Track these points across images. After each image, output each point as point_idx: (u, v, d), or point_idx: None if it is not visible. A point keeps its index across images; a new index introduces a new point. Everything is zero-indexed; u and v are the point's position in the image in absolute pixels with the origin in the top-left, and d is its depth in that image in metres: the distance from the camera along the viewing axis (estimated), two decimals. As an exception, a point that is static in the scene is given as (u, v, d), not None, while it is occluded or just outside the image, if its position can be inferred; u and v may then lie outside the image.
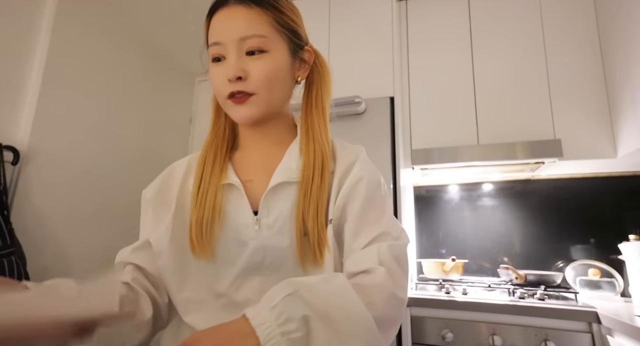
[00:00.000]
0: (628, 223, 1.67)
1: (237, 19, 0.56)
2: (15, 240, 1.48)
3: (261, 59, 0.56)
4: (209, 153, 0.63)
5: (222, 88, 0.57)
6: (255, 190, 0.60)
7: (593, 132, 1.58)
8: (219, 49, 0.57)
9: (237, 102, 0.57)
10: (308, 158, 0.59)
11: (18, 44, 1.70)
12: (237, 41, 0.56)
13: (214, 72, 0.58)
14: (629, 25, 1.43)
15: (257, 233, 0.57)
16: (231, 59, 0.56)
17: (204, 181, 0.61)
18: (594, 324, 1.22)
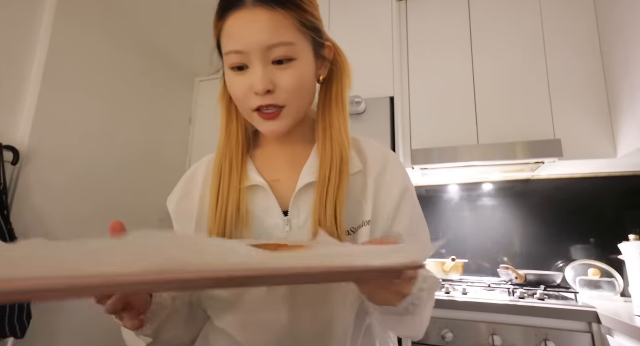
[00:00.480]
0: (628, 223, 1.67)
1: (260, 24, 0.50)
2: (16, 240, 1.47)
3: (290, 68, 0.52)
4: (224, 160, 0.60)
5: (247, 100, 0.53)
6: (283, 190, 0.59)
7: (593, 132, 1.58)
8: (241, 58, 0.51)
9: (267, 118, 0.54)
10: (325, 159, 0.57)
11: (18, 44, 1.70)
12: (262, 50, 0.50)
13: (235, 82, 0.53)
14: (628, 25, 1.43)
15: (288, 234, 0.56)
16: (257, 71, 0.51)
17: (223, 189, 0.57)
18: (594, 324, 1.22)
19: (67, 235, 1.83)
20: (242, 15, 0.51)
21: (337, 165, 0.56)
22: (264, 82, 0.50)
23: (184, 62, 2.74)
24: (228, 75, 0.54)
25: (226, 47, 0.53)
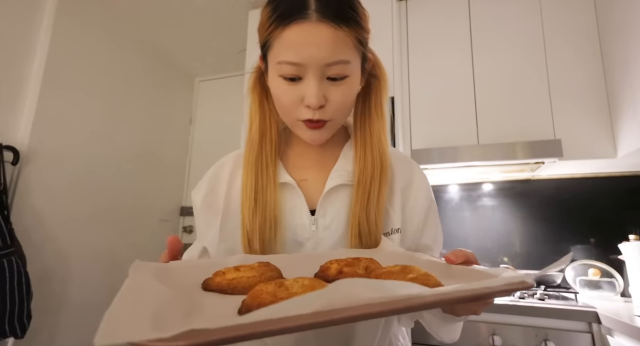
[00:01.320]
0: (628, 223, 1.67)
1: (323, 41, 0.50)
2: (15, 240, 1.48)
3: (342, 85, 0.53)
4: (259, 157, 0.59)
5: (296, 110, 0.54)
6: (311, 189, 0.60)
7: (593, 132, 1.58)
8: (296, 70, 0.51)
9: (312, 127, 0.54)
10: (365, 164, 0.58)
11: (18, 44, 1.71)
12: (320, 67, 0.50)
13: (285, 91, 0.53)
14: (629, 25, 1.43)
15: (313, 233, 0.57)
16: (313, 85, 0.51)
17: (260, 186, 0.58)
18: (594, 324, 1.22)
19: (67, 234, 1.83)
20: (305, 28, 0.50)
21: (378, 171, 0.58)
22: (318, 97, 0.51)
23: (184, 62, 2.74)
24: (276, 81, 0.54)
25: (281, 56, 0.51)
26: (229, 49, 2.50)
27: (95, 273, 1.96)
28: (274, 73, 0.54)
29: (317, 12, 0.49)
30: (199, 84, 2.98)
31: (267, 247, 0.56)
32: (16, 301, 1.41)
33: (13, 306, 1.40)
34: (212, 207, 0.62)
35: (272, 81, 0.55)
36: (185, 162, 2.79)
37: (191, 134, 2.87)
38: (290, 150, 0.65)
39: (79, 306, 1.84)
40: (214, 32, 2.37)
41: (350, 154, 0.61)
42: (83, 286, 1.88)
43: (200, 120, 2.89)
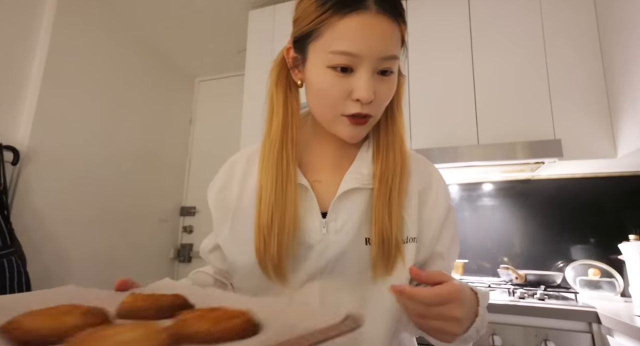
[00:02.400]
0: (628, 223, 1.67)
1: (382, 33, 0.49)
2: (15, 240, 1.48)
3: (389, 82, 0.52)
4: (280, 155, 0.56)
5: (342, 104, 0.52)
6: (324, 191, 0.58)
7: (593, 132, 1.58)
8: (350, 61, 0.49)
9: (357, 123, 0.53)
10: (387, 165, 0.57)
11: (18, 45, 1.71)
12: (376, 60, 0.49)
13: (334, 83, 0.51)
14: (629, 25, 1.43)
15: (324, 236, 0.55)
16: (366, 79, 0.49)
17: (281, 184, 0.55)
18: (594, 324, 1.22)
19: (67, 234, 1.83)
20: (365, 19, 0.48)
21: (399, 174, 0.56)
22: (370, 91, 0.50)
23: (184, 62, 2.74)
24: (323, 72, 0.51)
25: (335, 45, 0.49)
26: (229, 49, 2.50)
27: (95, 273, 1.96)
28: (321, 63, 0.51)
29: (376, 4, 0.48)
30: (199, 84, 2.98)
31: (285, 249, 0.53)
32: (16, 301, 1.41)
33: (13, 306, 1.39)
34: (224, 205, 0.61)
35: (316, 72, 0.52)
36: (185, 162, 2.79)
37: (191, 134, 2.87)
38: (306, 149, 0.62)
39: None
40: (214, 32, 2.37)
41: (367, 156, 0.59)
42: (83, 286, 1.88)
43: (200, 120, 2.89)
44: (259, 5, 2.12)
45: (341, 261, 0.54)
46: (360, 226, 0.55)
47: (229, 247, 0.59)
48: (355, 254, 0.55)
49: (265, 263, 0.53)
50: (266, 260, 0.53)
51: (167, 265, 2.59)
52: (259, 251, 0.54)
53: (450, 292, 0.43)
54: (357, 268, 0.55)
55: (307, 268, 0.55)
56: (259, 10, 2.12)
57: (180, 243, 2.70)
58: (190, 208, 2.72)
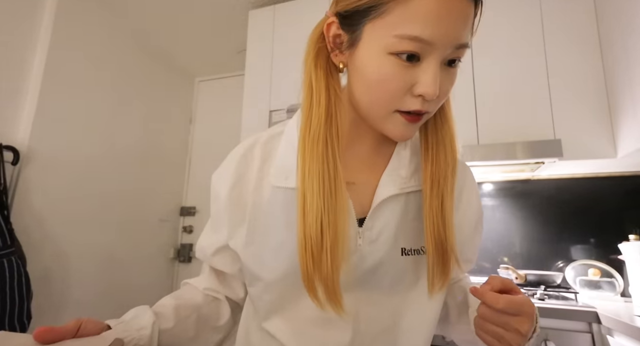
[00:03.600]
0: (628, 223, 1.67)
1: (463, 17, 0.42)
2: (15, 240, 1.48)
3: (454, 74, 0.45)
4: (325, 148, 0.46)
5: (400, 98, 0.43)
6: (359, 196, 0.50)
7: (593, 132, 1.58)
8: (420, 48, 0.41)
9: (413, 120, 0.45)
10: (438, 168, 0.49)
11: (18, 44, 1.70)
12: (450, 48, 0.42)
13: (396, 74, 0.42)
14: (629, 25, 1.43)
15: (359, 247, 0.48)
16: (433, 70, 0.42)
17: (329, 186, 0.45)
18: (594, 324, 1.22)
19: (67, 234, 1.83)
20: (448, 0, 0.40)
21: (450, 176, 0.49)
22: (437, 86, 0.42)
23: (184, 62, 2.74)
24: (383, 59, 0.42)
25: (405, 28, 0.40)
26: (229, 49, 2.50)
27: (95, 273, 1.96)
28: (381, 48, 0.42)
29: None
30: (199, 83, 2.98)
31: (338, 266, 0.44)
32: (16, 302, 1.41)
33: (13, 306, 1.40)
34: (240, 204, 0.52)
35: (371, 58, 0.43)
36: (185, 161, 2.79)
37: (191, 134, 2.87)
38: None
39: (79, 306, 1.84)
40: (214, 32, 2.37)
41: (405, 154, 0.53)
42: (83, 286, 1.88)
43: (200, 120, 2.89)
44: (259, 5, 2.12)
45: (376, 273, 0.49)
46: (397, 235, 0.49)
47: (249, 257, 0.52)
48: (391, 265, 0.49)
49: (313, 285, 0.44)
50: (315, 281, 0.44)
51: (167, 265, 2.59)
52: (306, 272, 0.44)
53: (523, 304, 0.42)
54: (391, 280, 0.50)
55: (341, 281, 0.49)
56: (259, 10, 2.11)
57: (180, 243, 2.70)
58: (190, 208, 2.72)
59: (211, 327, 0.57)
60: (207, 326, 0.56)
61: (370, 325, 0.50)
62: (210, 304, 0.57)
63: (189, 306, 0.54)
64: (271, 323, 0.51)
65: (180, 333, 0.52)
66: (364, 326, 0.49)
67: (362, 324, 0.49)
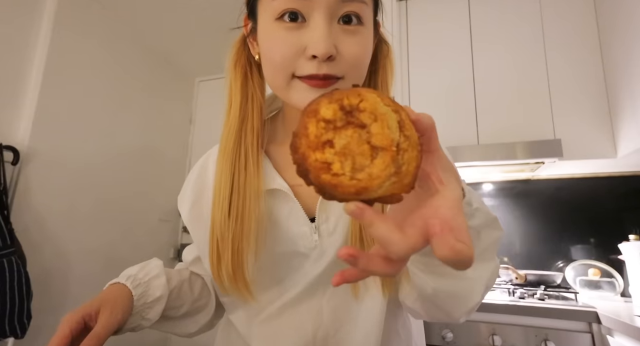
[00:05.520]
0: (628, 223, 1.67)
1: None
2: (15, 240, 1.48)
3: (357, 35, 0.41)
4: (236, 151, 0.48)
5: (293, 63, 0.41)
6: (306, 193, 0.50)
7: (593, 132, 1.58)
8: (299, 4, 0.39)
9: (315, 85, 0.41)
10: None
11: (18, 44, 1.70)
12: (333, 2, 0.39)
13: (280, 37, 0.40)
14: (629, 25, 1.43)
15: (317, 243, 0.49)
16: (321, 26, 0.39)
17: (237, 190, 0.46)
18: (594, 324, 1.22)
19: (67, 234, 1.83)
20: None
21: None
22: (327, 43, 0.38)
23: (184, 62, 2.74)
24: (268, 27, 0.42)
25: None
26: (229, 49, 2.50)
27: (95, 273, 1.96)
28: (269, 19, 0.41)
29: None
30: (199, 84, 2.98)
31: (240, 258, 0.46)
32: (16, 301, 1.41)
33: (13, 306, 1.40)
34: (201, 220, 0.53)
35: (264, 32, 0.43)
36: (185, 162, 2.79)
37: (191, 134, 2.87)
38: (279, 146, 0.53)
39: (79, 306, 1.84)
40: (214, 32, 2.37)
41: None
42: (83, 286, 1.88)
43: (200, 120, 2.89)
44: (259, 5, 2.12)
45: (339, 263, 0.49)
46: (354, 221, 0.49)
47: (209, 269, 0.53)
48: None
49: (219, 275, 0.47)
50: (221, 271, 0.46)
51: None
52: (211, 262, 0.47)
53: None
54: None
55: (304, 278, 0.50)
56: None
57: (180, 243, 2.70)
58: (190, 208, 2.72)
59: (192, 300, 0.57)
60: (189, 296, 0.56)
61: (335, 314, 0.50)
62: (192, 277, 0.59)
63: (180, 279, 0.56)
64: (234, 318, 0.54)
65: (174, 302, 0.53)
66: (327, 318, 0.50)
67: (325, 315, 0.50)
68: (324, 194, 0.24)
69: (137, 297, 0.47)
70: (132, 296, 0.47)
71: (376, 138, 0.23)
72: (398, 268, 0.25)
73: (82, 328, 0.42)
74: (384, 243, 0.23)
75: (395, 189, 0.23)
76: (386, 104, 0.24)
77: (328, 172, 0.23)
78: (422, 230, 0.23)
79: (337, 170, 0.23)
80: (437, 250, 0.22)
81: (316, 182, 0.24)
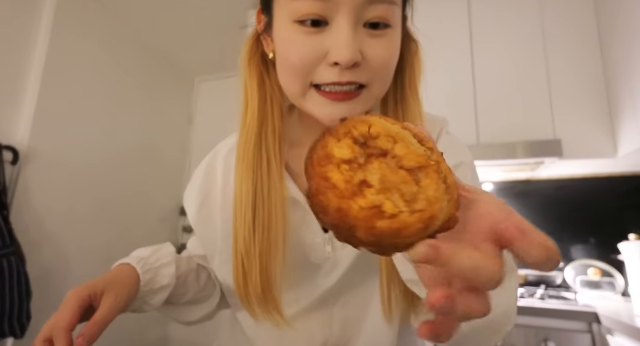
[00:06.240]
0: (628, 223, 1.67)
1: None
2: (15, 240, 1.47)
3: (384, 38, 0.38)
4: (257, 156, 0.44)
5: (313, 71, 0.37)
6: None
7: (593, 132, 1.58)
8: (321, 8, 0.35)
9: (338, 99, 0.38)
10: None
11: (18, 44, 1.70)
12: (358, 4, 0.35)
13: (301, 42, 0.37)
14: (629, 24, 1.43)
15: (330, 254, 0.46)
16: (346, 32, 0.35)
17: (261, 190, 0.43)
18: (594, 324, 1.22)
19: (67, 234, 1.83)
20: None
21: None
22: (353, 50, 0.35)
23: (184, 62, 2.74)
24: (288, 29, 0.38)
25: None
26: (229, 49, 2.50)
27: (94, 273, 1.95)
28: (287, 19, 0.38)
29: None
30: (199, 84, 2.98)
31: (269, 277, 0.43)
32: (16, 301, 1.40)
33: (13, 306, 1.39)
34: (209, 224, 0.51)
35: (281, 32, 0.39)
36: (185, 162, 2.79)
37: (191, 134, 2.87)
38: (297, 150, 0.49)
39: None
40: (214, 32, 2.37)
41: None
42: (83, 286, 1.88)
43: (200, 120, 2.89)
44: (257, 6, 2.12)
45: (352, 277, 0.48)
46: None
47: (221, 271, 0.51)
48: (366, 265, 0.47)
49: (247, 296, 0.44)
50: (248, 292, 0.44)
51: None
52: (237, 282, 0.44)
53: None
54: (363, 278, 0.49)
55: (316, 290, 0.48)
56: (258, 10, 2.11)
57: (181, 243, 2.69)
58: (190, 208, 2.72)
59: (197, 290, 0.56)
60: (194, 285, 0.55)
61: (345, 326, 0.49)
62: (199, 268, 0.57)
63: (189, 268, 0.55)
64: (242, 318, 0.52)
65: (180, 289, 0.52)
66: (337, 329, 0.49)
67: (335, 326, 0.49)
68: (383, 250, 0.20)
69: (145, 283, 0.45)
70: (140, 281, 0.45)
71: (408, 160, 0.20)
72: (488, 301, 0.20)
73: (88, 306, 0.41)
74: (474, 275, 0.19)
75: (452, 208, 0.20)
76: (392, 124, 0.22)
77: (382, 217, 0.19)
78: (493, 242, 0.20)
79: (392, 210, 0.19)
80: (527, 253, 0.19)
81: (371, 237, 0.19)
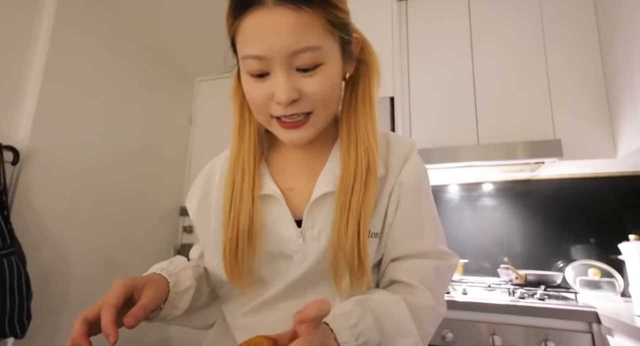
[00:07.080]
0: (628, 223, 1.67)
1: (285, 27, 0.44)
2: (15, 240, 1.48)
3: (316, 74, 0.47)
4: (237, 166, 0.56)
5: (267, 108, 0.49)
6: (297, 199, 0.55)
7: (593, 132, 1.58)
8: (261, 64, 0.46)
9: (290, 127, 0.49)
10: (349, 167, 0.52)
11: (18, 44, 1.70)
12: (285, 57, 0.45)
13: (254, 88, 0.49)
14: (629, 25, 1.43)
15: (301, 246, 0.52)
16: (280, 80, 0.46)
17: (235, 198, 0.54)
18: (594, 324, 1.22)
19: (67, 234, 1.83)
20: (262, 15, 0.44)
21: (362, 174, 0.51)
22: (287, 91, 0.46)
23: (184, 62, 2.74)
24: (245, 79, 0.50)
25: (243, 50, 0.47)
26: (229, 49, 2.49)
27: (95, 273, 1.96)
28: (243, 70, 0.50)
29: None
30: (199, 84, 2.98)
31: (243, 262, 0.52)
32: (16, 302, 1.41)
33: (13, 306, 1.40)
34: (206, 218, 0.60)
35: (243, 78, 0.51)
36: (185, 161, 2.79)
37: (191, 134, 2.87)
38: (277, 154, 0.60)
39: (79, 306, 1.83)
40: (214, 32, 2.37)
41: (338, 155, 0.55)
42: (83, 287, 1.88)
43: (200, 120, 2.89)
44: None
45: (319, 268, 0.52)
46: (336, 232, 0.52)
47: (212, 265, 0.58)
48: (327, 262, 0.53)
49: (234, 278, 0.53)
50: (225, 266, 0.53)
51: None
52: (225, 267, 0.53)
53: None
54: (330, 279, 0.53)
55: (287, 278, 0.53)
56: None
57: (181, 243, 2.70)
58: (190, 208, 2.72)
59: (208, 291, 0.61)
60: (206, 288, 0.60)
61: None
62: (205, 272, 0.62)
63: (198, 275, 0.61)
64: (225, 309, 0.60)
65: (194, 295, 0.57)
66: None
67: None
68: None
69: (172, 285, 0.52)
70: (168, 283, 0.51)
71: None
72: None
73: (130, 295, 0.45)
74: None
75: None
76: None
77: None
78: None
79: None
80: None
81: None
